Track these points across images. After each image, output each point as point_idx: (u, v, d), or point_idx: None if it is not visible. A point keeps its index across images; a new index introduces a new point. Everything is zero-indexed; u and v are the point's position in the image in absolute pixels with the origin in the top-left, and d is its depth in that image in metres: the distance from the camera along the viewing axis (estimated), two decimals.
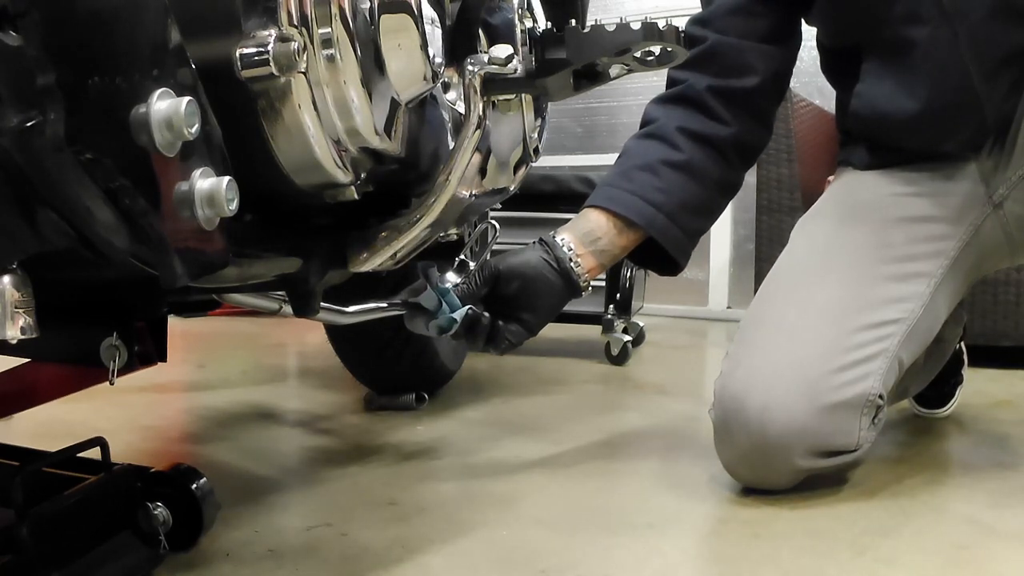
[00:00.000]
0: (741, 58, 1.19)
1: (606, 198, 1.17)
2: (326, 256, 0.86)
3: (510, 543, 0.94)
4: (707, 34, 1.19)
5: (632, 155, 1.20)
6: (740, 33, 1.19)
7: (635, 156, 1.19)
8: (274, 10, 0.64)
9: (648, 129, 1.21)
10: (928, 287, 1.12)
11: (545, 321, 1.16)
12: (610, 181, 1.19)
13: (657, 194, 1.15)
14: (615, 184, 1.17)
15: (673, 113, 1.19)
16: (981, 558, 0.91)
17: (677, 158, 1.16)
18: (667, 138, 1.18)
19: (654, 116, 1.21)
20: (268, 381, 1.92)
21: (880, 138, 1.18)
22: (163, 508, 0.83)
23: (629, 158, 1.20)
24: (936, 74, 1.08)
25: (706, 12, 1.21)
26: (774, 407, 1.02)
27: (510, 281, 1.10)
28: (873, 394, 1.06)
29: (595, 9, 1.38)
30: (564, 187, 2.30)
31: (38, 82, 0.44)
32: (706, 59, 1.18)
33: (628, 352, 2.17)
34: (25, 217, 0.47)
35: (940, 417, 1.51)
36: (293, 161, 0.68)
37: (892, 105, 1.12)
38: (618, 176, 1.18)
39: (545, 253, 1.13)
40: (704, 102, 1.18)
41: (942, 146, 1.14)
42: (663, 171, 1.16)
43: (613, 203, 1.15)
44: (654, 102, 1.24)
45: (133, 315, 0.79)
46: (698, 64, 1.18)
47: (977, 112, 1.09)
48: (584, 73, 0.79)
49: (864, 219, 1.16)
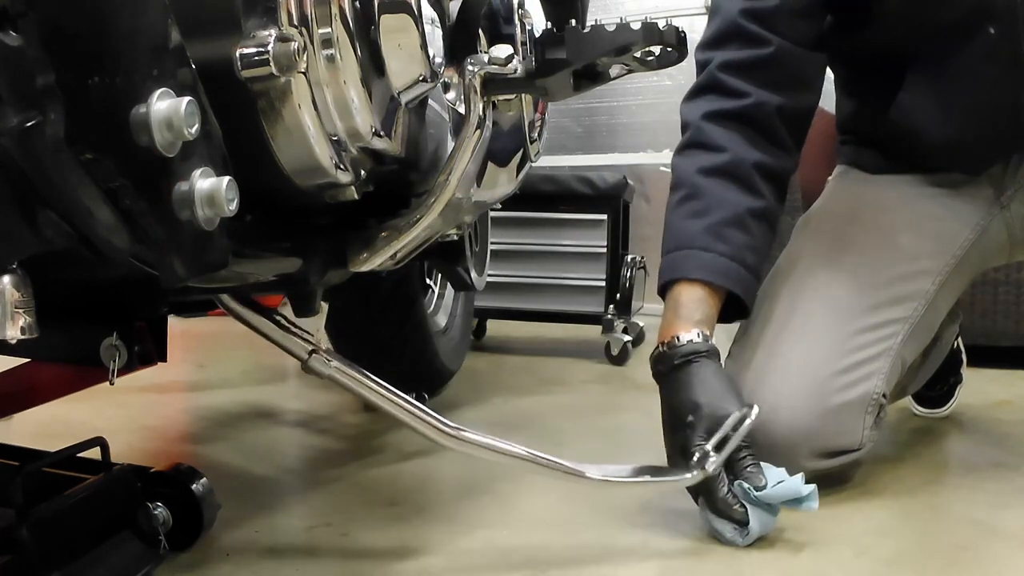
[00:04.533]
0: (803, 72, 1.11)
1: (714, 271, 1.04)
2: (326, 256, 0.86)
3: (510, 543, 0.94)
4: (770, 36, 1.07)
5: (715, 201, 1.06)
6: (804, 40, 1.09)
7: (720, 204, 1.06)
8: (274, 10, 0.64)
9: (724, 163, 1.07)
10: (933, 285, 1.12)
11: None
12: (704, 243, 1.04)
13: (750, 255, 1.06)
14: (711, 247, 1.04)
15: (742, 139, 1.07)
16: (981, 558, 0.90)
17: (759, 206, 1.07)
18: (746, 180, 1.07)
19: (721, 142, 1.07)
20: (268, 381, 1.91)
21: (910, 152, 1.16)
22: (163, 508, 0.84)
23: (712, 205, 1.06)
24: (983, 94, 1.07)
25: (766, 7, 1.08)
26: (780, 409, 1.01)
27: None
28: (877, 393, 1.06)
29: (595, 9, 1.38)
30: (564, 187, 2.30)
31: (38, 82, 0.44)
32: (770, 68, 1.07)
33: (628, 352, 2.17)
34: (25, 217, 0.47)
35: (940, 417, 1.51)
36: (293, 161, 0.68)
37: (931, 126, 1.10)
38: (710, 235, 1.05)
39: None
40: (774, 129, 1.08)
41: (972, 170, 1.14)
42: (751, 225, 1.06)
43: (722, 278, 1.04)
44: (711, 115, 1.09)
45: (133, 315, 0.79)
46: (761, 72, 1.07)
47: (1018, 140, 1.08)
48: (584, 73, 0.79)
49: (870, 219, 1.15)
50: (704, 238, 1.05)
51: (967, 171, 1.13)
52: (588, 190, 2.29)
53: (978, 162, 1.13)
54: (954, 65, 1.08)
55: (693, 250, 1.05)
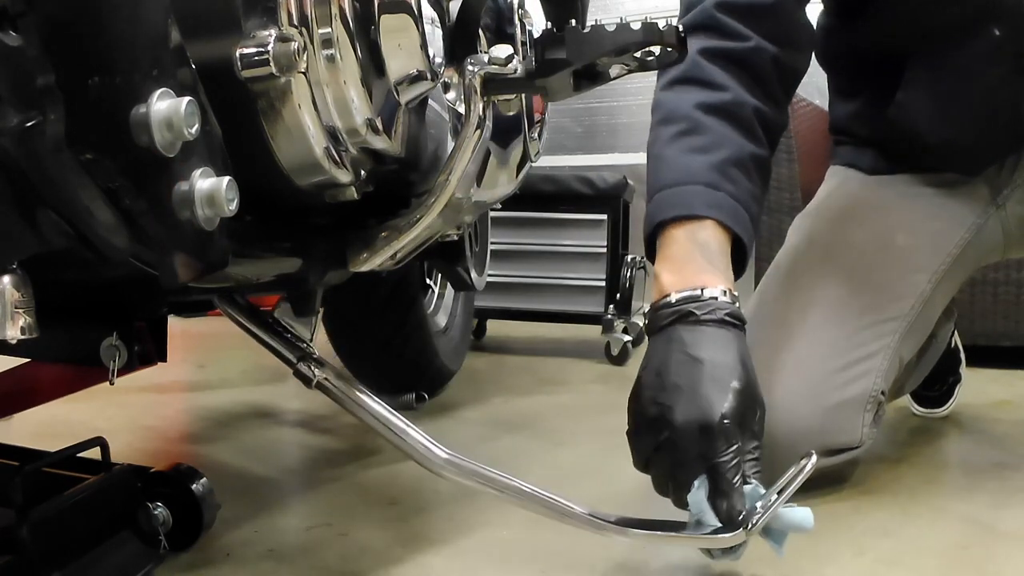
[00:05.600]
0: (798, 33, 1.06)
1: (727, 212, 0.93)
2: (326, 256, 0.86)
3: (510, 543, 0.94)
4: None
5: (719, 138, 0.96)
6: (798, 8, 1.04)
7: (725, 142, 0.96)
8: (274, 10, 0.64)
9: (726, 103, 0.98)
10: (929, 283, 1.12)
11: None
12: (712, 180, 0.93)
13: (753, 204, 0.97)
14: (719, 186, 0.93)
15: (741, 83, 0.99)
16: (981, 558, 0.90)
17: (761, 153, 0.99)
18: (748, 124, 0.98)
19: (721, 80, 0.99)
20: (268, 381, 1.91)
21: (907, 152, 1.16)
22: (163, 508, 0.84)
23: (717, 142, 0.96)
24: (984, 95, 1.06)
25: None
26: (780, 408, 1.01)
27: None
28: (875, 390, 1.06)
29: (595, 9, 1.37)
30: (564, 187, 2.30)
31: (38, 82, 0.44)
32: (769, 19, 1.01)
33: (628, 352, 2.17)
34: (25, 217, 0.47)
35: (939, 417, 1.51)
36: (293, 161, 0.68)
37: (930, 126, 1.10)
38: (717, 173, 0.94)
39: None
40: (770, 79, 1.02)
41: (969, 171, 1.14)
42: (752, 171, 0.97)
43: (731, 219, 0.93)
44: (710, 53, 1.00)
45: (133, 315, 0.79)
46: (761, 21, 1.01)
47: (1018, 141, 1.08)
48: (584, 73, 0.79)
49: (867, 219, 1.15)
50: (711, 174, 0.93)
51: (964, 172, 1.14)
52: (588, 190, 2.29)
53: (976, 163, 1.13)
54: (955, 65, 1.07)
55: (698, 186, 0.92)
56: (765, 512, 0.77)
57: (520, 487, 0.82)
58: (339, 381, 0.86)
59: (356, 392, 0.86)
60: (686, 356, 0.83)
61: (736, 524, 0.77)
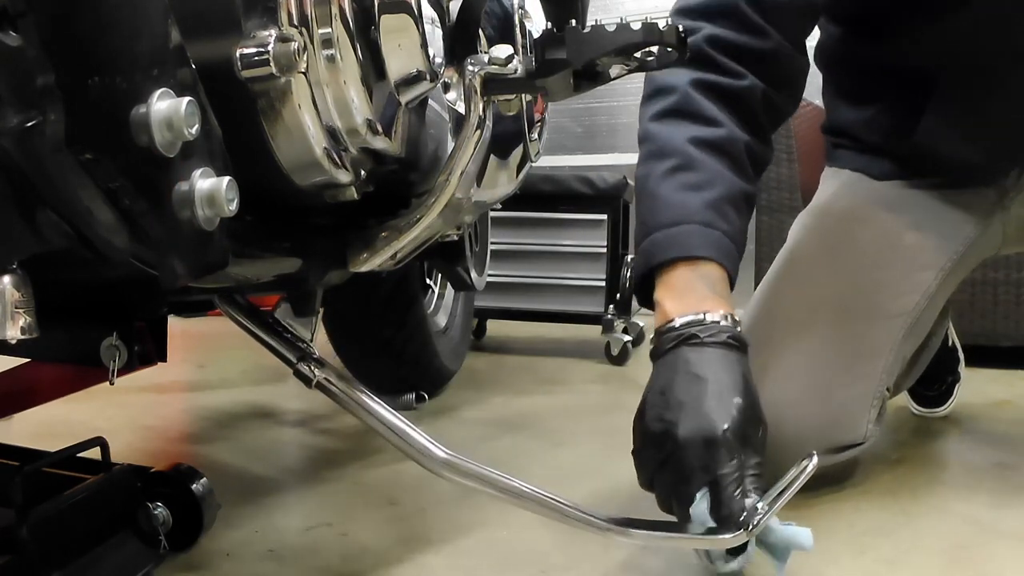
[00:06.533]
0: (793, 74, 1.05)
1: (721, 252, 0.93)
2: (326, 256, 0.86)
3: (510, 543, 0.94)
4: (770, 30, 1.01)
5: (712, 175, 0.96)
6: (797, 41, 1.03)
7: (718, 179, 0.96)
8: (274, 10, 0.64)
9: (719, 139, 0.98)
10: (935, 280, 1.12)
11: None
12: (707, 219, 0.94)
13: (741, 240, 0.97)
14: (714, 224, 0.94)
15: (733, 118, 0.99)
16: (981, 558, 0.90)
17: (750, 190, 1.00)
18: (739, 160, 0.99)
19: (714, 115, 0.98)
20: (268, 381, 1.91)
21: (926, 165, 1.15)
22: (163, 508, 0.84)
23: (710, 179, 0.96)
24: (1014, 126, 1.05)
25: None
26: (787, 404, 1.01)
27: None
28: (881, 387, 1.06)
29: (595, 9, 1.37)
30: (564, 187, 2.30)
31: (38, 82, 0.44)
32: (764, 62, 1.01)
33: (628, 352, 2.17)
34: (25, 217, 0.47)
35: (939, 416, 1.51)
36: (293, 161, 0.68)
37: (958, 152, 1.10)
38: (713, 211, 0.94)
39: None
40: (759, 118, 1.02)
41: (986, 183, 1.14)
42: (743, 208, 0.98)
43: (726, 259, 0.94)
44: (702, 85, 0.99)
45: (133, 315, 0.79)
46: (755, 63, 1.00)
47: None
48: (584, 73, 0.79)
49: (875, 218, 1.15)
50: (707, 213, 0.94)
51: (980, 184, 1.14)
52: (588, 190, 2.29)
53: (994, 177, 1.14)
54: (985, 95, 1.07)
55: (695, 225, 0.93)
56: (766, 513, 0.77)
57: (520, 487, 0.82)
58: (339, 381, 0.86)
59: (356, 392, 0.86)
60: (690, 375, 0.84)
61: (737, 525, 0.77)
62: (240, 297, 0.90)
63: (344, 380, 0.86)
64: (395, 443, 0.84)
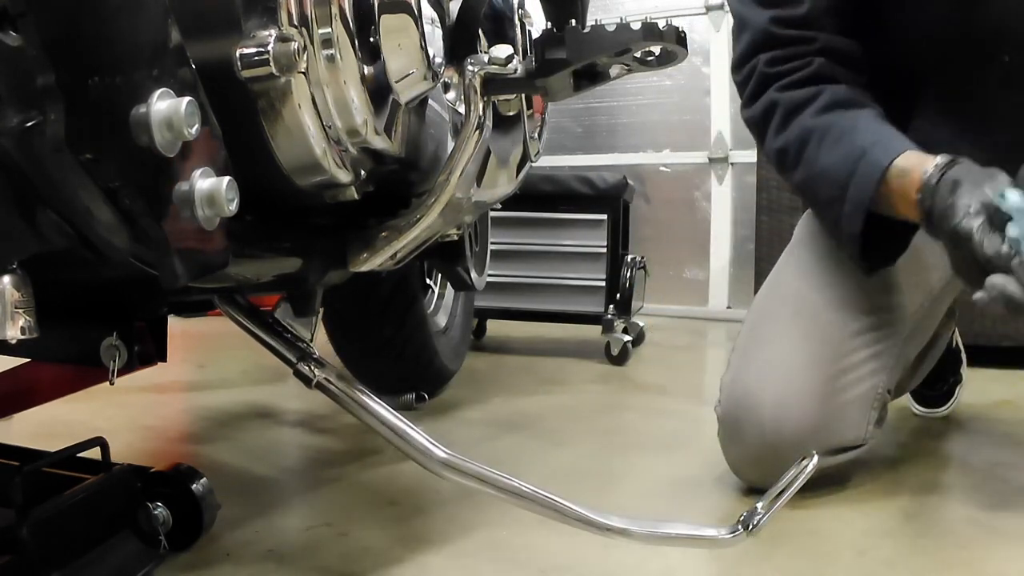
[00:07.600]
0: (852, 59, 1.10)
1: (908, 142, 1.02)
2: (326, 256, 0.86)
3: (510, 543, 0.94)
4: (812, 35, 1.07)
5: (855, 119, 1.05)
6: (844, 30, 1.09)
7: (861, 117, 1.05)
8: (274, 10, 0.64)
9: (872, 110, 1.07)
10: (939, 281, 1.12)
11: None
12: (887, 135, 1.03)
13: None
14: (895, 137, 1.03)
15: (854, 82, 1.08)
16: (981, 558, 0.90)
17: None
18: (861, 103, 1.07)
19: (857, 97, 1.07)
20: (268, 381, 1.91)
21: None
22: (163, 508, 0.84)
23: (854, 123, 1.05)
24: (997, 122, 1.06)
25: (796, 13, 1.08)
26: (789, 404, 1.01)
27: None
28: (881, 388, 1.06)
29: (595, 9, 1.38)
30: (564, 187, 2.30)
31: (38, 82, 0.44)
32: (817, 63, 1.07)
33: (628, 352, 2.17)
34: (25, 217, 0.47)
35: (939, 416, 1.51)
36: (293, 161, 0.68)
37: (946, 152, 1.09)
38: (884, 131, 1.04)
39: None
40: (854, 96, 1.08)
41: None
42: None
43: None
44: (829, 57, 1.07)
45: (133, 315, 0.79)
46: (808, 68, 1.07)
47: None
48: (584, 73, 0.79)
49: None
50: (882, 133, 1.02)
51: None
52: (588, 190, 2.29)
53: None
54: (969, 92, 1.07)
55: (880, 140, 1.01)
56: (766, 513, 0.78)
57: (520, 487, 0.82)
58: (339, 381, 0.86)
59: (356, 392, 0.86)
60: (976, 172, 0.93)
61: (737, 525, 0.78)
62: (240, 297, 0.90)
63: (344, 380, 0.86)
64: (395, 443, 0.84)
